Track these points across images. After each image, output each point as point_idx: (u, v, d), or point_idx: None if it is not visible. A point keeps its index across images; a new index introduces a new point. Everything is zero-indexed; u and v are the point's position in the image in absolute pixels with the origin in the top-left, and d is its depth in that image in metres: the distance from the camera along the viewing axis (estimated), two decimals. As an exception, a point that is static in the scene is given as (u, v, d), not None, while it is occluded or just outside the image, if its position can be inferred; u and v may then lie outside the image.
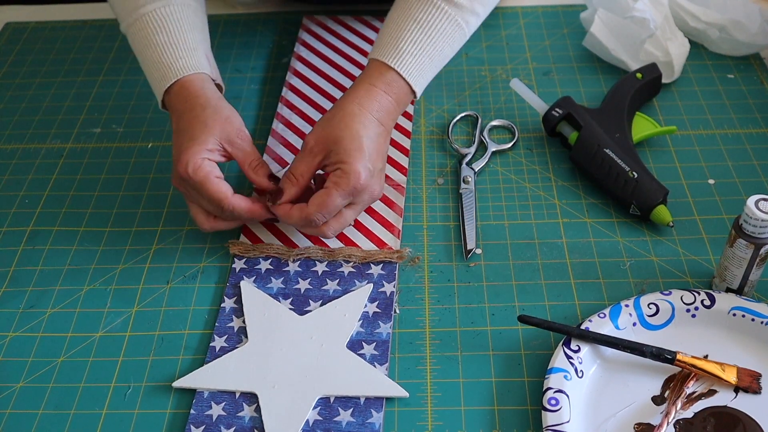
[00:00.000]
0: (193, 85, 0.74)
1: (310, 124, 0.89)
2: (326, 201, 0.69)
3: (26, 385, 0.67)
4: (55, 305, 0.73)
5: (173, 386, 0.65)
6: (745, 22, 0.93)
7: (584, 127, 0.81)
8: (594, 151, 0.79)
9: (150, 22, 0.77)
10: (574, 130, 0.82)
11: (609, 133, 0.80)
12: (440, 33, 0.75)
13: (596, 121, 0.81)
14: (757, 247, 0.64)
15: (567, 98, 0.84)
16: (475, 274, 0.74)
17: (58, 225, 0.80)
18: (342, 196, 0.69)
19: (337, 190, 0.69)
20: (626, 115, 0.82)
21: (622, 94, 0.84)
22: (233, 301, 0.71)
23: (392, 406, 0.64)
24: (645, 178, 0.76)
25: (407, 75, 0.74)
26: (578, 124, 0.81)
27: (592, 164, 0.79)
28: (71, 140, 0.91)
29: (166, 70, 0.75)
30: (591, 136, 0.80)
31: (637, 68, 0.87)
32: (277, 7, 1.10)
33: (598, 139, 0.79)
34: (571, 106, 0.83)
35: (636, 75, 0.86)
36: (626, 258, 0.74)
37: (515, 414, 0.63)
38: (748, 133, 0.87)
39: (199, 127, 0.72)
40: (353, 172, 0.69)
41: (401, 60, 0.74)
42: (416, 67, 0.74)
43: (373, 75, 0.74)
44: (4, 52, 1.05)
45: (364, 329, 0.69)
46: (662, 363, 0.63)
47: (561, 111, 0.83)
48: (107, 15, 1.10)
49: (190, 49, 0.76)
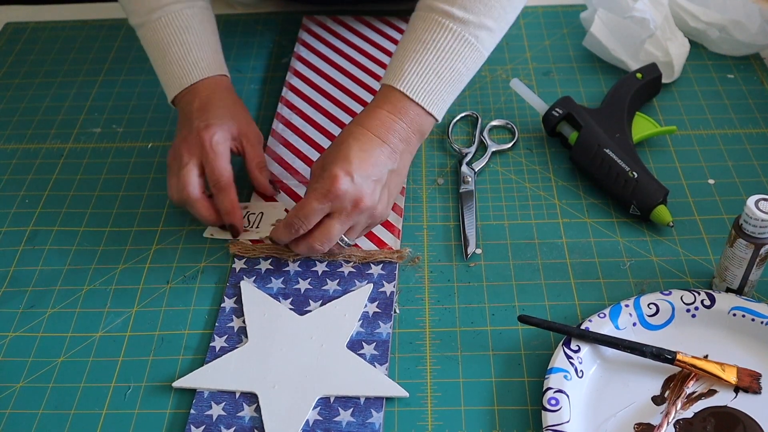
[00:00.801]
0: (223, 81, 0.81)
1: (311, 124, 0.89)
2: (302, 203, 0.69)
3: (26, 385, 0.67)
4: (55, 305, 0.73)
5: (173, 386, 0.65)
6: (745, 22, 0.93)
7: (584, 127, 0.81)
8: (594, 151, 0.79)
9: (175, 20, 0.79)
10: (573, 130, 0.83)
11: (609, 133, 0.80)
12: (448, 51, 0.72)
13: (596, 121, 0.81)
14: (757, 247, 0.64)
15: (567, 98, 0.84)
16: (475, 274, 0.74)
17: (58, 225, 0.80)
18: (317, 199, 0.68)
19: (311, 193, 0.68)
20: (626, 116, 0.82)
21: (622, 94, 0.84)
22: (233, 301, 0.71)
23: (392, 406, 0.64)
24: (645, 179, 0.76)
25: (414, 95, 0.72)
26: (578, 124, 0.82)
27: (592, 164, 0.79)
28: (71, 140, 0.91)
29: (192, 67, 0.79)
30: (591, 136, 0.80)
31: (637, 68, 0.87)
32: (277, 7, 1.10)
33: (598, 139, 0.79)
34: (571, 107, 0.83)
35: (636, 75, 0.86)
36: (626, 258, 0.74)
37: (515, 414, 0.63)
38: (748, 133, 0.87)
39: (227, 114, 0.77)
40: (329, 177, 0.68)
41: (406, 80, 0.72)
42: (423, 87, 0.72)
43: (379, 98, 0.73)
44: (4, 52, 1.05)
45: (364, 329, 0.69)
46: (662, 363, 0.63)
47: (561, 111, 0.83)
48: (107, 15, 1.10)
49: (216, 51, 0.82)
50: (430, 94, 0.73)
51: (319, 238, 0.70)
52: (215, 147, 0.75)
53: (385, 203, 0.72)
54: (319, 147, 0.86)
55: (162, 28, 0.79)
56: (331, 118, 0.90)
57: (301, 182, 0.82)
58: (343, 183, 0.68)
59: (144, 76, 0.99)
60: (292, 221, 0.69)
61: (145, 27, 0.80)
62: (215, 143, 0.75)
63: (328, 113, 0.91)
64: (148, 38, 0.80)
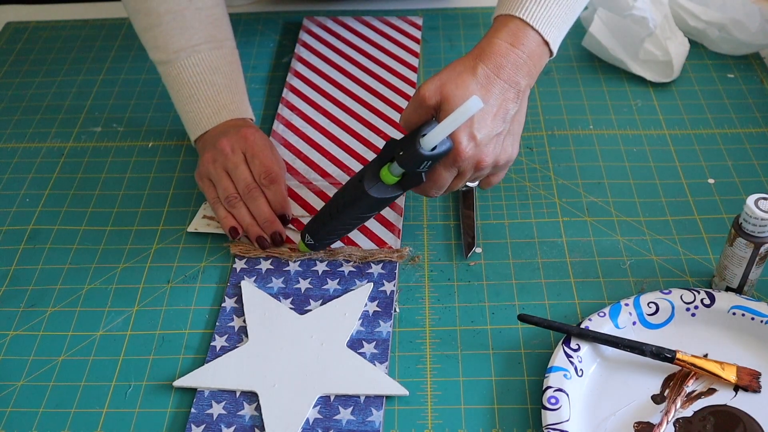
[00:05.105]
0: (249, 122, 0.81)
1: (311, 124, 0.89)
2: (434, 177, 0.65)
3: (27, 383, 0.67)
4: (55, 304, 0.73)
5: (174, 385, 0.65)
6: (745, 21, 0.93)
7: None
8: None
9: (204, 60, 0.80)
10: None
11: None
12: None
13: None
14: (757, 246, 0.64)
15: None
16: (475, 273, 0.74)
17: (58, 224, 0.80)
18: (445, 168, 0.65)
19: (440, 165, 0.65)
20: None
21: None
22: (234, 301, 0.71)
23: (392, 405, 0.64)
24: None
25: (534, 22, 0.65)
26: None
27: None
28: (72, 139, 0.91)
29: (221, 108, 0.80)
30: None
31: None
32: (278, 6, 1.10)
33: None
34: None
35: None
36: (626, 257, 0.74)
37: (515, 413, 0.63)
38: (748, 132, 0.87)
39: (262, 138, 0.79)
40: (453, 140, 0.63)
41: (524, 7, 0.65)
42: (544, 14, 0.65)
43: (497, 29, 0.66)
44: (4, 52, 1.05)
45: (365, 328, 0.69)
46: (662, 362, 0.63)
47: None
48: (108, 14, 1.11)
49: (244, 94, 0.83)
50: (549, 22, 0.66)
51: (432, 187, 0.67)
52: (259, 141, 0.76)
53: (509, 151, 0.68)
54: (319, 147, 0.86)
55: (190, 67, 0.79)
56: (331, 119, 0.90)
57: (301, 182, 0.82)
58: (467, 150, 0.63)
59: (144, 75, 0.99)
60: (430, 194, 0.67)
61: (171, 64, 0.80)
62: (259, 137, 0.77)
63: (328, 113, 0.91)
64: (174, 76, 0.80)
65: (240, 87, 0.83)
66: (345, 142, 0.87)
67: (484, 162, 0.65)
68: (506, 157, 0.68)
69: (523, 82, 0.66)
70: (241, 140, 0.76)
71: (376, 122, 0.89)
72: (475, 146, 0.64)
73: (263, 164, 0.76)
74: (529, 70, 0.66)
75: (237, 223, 0.75)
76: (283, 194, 0.76)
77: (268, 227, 0.74)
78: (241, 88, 0.83)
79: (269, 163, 0.76)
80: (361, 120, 0.90)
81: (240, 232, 0.75)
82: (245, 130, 0.77)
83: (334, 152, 0.86)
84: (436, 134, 0.61)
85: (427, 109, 0.64)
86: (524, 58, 0.65)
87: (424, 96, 0.64)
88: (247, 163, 0.76)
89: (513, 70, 0.65)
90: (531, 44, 0.66)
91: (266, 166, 0.75)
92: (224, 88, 0.80)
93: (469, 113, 0.59)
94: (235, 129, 0.77)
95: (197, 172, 0.79)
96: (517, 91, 0.65)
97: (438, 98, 0.64)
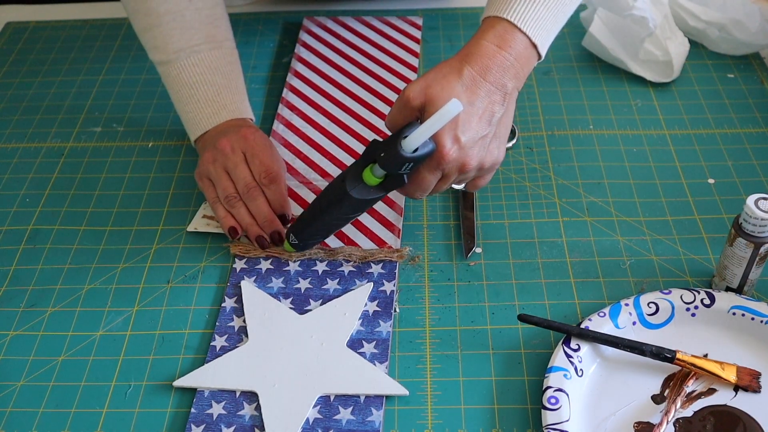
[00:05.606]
0: (250, 122, 0.81)
1: (311, 124, 0.89)
2: (418, 179, 0.65)
3: (27, 383, 0.67)
4: (55, 304, 0.73)
5: (174, 385, 0.65)
6: (745, 21, 0.93)
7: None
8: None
9: (204, 61, 0.80)
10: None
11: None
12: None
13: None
14: (757, 246, 0.64)
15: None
16: (475, 273, 0.74)
17: (58, 224, 0.80)
18: (429, 171, 0.64)
19: (423, 167, 0.64)
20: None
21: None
22: (234, 301, 0.71)
23: (392, 405, 0.64)
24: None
25: (523, 25, 0.64)
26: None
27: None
28: (72, 139, 0.91)
29: (221, 108, 0.80)
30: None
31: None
32: (278, 6, 1.10)
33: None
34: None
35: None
36: (626, 257, 0.74)
37: (515, 413, 0.63)
38: (748, 132, 0.87)
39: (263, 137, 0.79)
40: (436, 143, 0.63)
41: (513, 9, 0.65)
42: (531, 16, 0.65)
43: (485, 31, 0.65)
44: (4, 52, 1.05)
45: (364, 328, 0.69)
46: (662, 362, 0.63)
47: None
48: (108, 14, 1.11)
49: (243, 94, 0.83)
50: (536, 24, 0.65)
51: (416, 189, 0.66)
52: (259, 140, 0.76)
53: (494, 154, 0.67)
54: (319, 147, 0.86)
55: (190, 67, 0.79)
56: (331, 119, 0.90)
57: (301, 182, 0.82)
58: (450, 152, 0.63)
59: (144, 75, 0.99)
60: (414, 196, 0.67)
61: (170, 65, 0.80)
62: (259, 137, 0.77)
63: (328, 113, 0.91)
64: (173, 76, 0.80)
65: (240, 87, 0.83)
66: (345, 142, 0.87)
67: (469, 165, 0.64)
68: (492, 160, 0.67)
69: (510, 85, 0.65)
70: (241, 140, 0.76)
71: (376, 122, 0.89)
72: (459, 149, 0.63)
73: (263, 164, 0.76)
74: (516, 72, 0.65)
75: (236, 223, 0.75)
76: (282, 194, 0.76)
77: (268, 227, 0.74)
78: (241, 88, 0.83)
79: (269, 163, 0.76)
80: (361, 120, 0.90)
81: (239, 231, 0.75)
82: (245, 130, 0.77)
83: (334, 152, 0.86)
84: (416, 136, 0.61)
85: (412, 110, 0.64)
86: (511, 61, 0.65)
87: (409, 97, 0.63)
88: (247, 163, 0.76)
89: (500, 72, 0.64)
90: (518, 47, 0.65)
91: (266, 165, 0.75)
92: (224, 88, 0.81)
93: (449, 116, 0.59)
94: (235, 129, 0.78)
95: (197, 171, 0.79)
96: (503, 93, 0.64)
97: (422, 100, 0.63)
